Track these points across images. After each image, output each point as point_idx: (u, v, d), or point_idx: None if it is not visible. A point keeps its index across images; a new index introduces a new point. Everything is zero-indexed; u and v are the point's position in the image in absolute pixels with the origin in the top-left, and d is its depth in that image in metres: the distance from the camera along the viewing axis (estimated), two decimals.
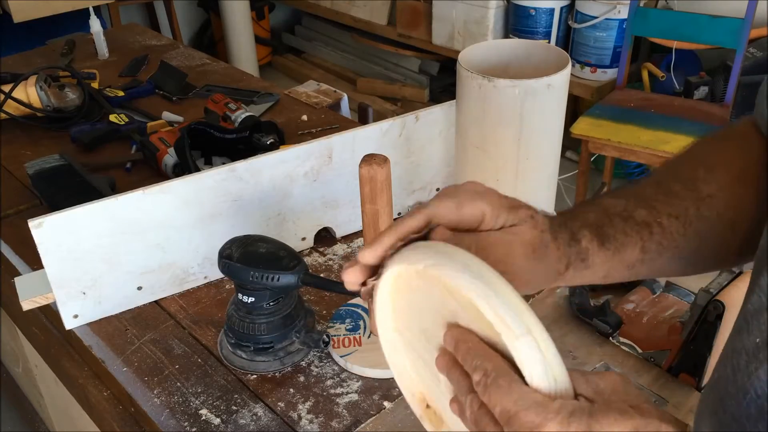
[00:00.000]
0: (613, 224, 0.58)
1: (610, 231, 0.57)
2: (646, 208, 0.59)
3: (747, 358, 0.52)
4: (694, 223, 0.59)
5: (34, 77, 1.48)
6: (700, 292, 0.82)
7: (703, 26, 2.30)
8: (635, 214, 0.58)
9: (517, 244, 0.53)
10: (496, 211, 0.53)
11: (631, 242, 0.57)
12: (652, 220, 0.58)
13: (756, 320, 0.52)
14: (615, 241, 0.57)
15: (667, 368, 0.88)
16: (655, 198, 0.60)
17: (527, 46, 1.07)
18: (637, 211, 0.58)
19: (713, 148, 0.65)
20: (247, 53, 3.80)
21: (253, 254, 0.87)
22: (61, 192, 1.20)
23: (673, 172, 0.63)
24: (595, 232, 0.57)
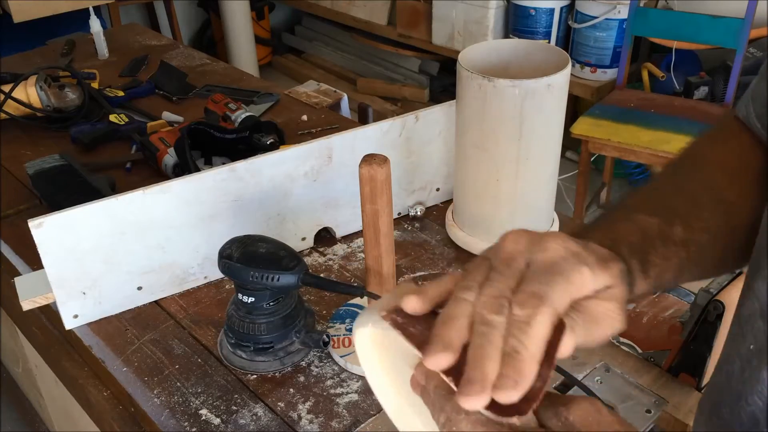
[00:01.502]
0: (655, 249, 0.53)
1: (653, 258, 0.53)
2: (682, 225, 0.55)
3: (741, 364, 0.52)
4: (720, 234, 0.58)
5: (34, 77, 1.48)
6: (700, 292, 0.82)
7: (703, 26, 2.30)
8: (673, 233, 0.55)
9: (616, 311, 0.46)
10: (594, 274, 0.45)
11: (671, 267, 0.54)
12: (689, 239, 0.55)
13: (749, 326, 0.52)
14: (657, 268, 0.53)
15: (667, 368, 0.88)
16: (688, 212, 0.57)
17: (527, 46, 1.07)
18: (674, 230, 0.55)
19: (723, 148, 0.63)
20: (247, 53, 3.81)
21: (253, 254, 0.87)
22: (61, 192, 1.20)
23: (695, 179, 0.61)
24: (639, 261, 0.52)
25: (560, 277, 0.43)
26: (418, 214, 1.20)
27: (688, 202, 0.58)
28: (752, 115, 0.62)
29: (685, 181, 0.61)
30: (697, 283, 0.98)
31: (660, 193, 0.60)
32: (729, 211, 0.59)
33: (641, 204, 0.58)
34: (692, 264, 0.56)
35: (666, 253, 0.53)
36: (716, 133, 0.67)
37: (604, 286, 0.46)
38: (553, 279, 0.43)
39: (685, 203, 0.58)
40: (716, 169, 0.61)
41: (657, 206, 0.57)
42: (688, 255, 0.55)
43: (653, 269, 0.52)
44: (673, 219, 0.55)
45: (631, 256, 0.51)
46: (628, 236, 0.53)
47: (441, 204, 1.24)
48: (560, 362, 0.45)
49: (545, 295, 0.42)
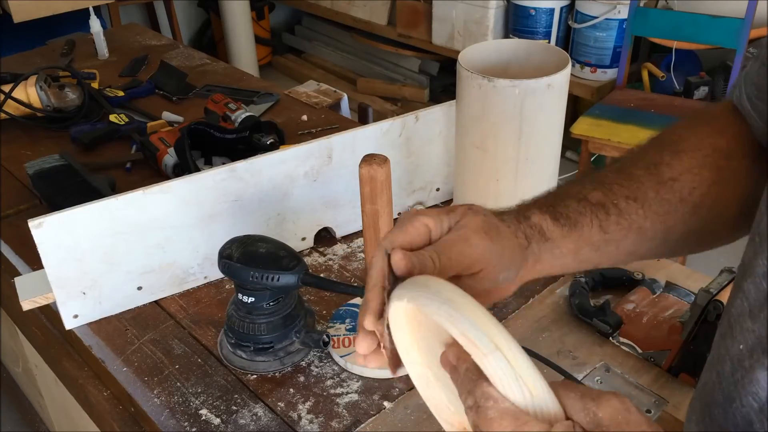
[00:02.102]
0: (566, 204, 0.59)
1: (562, 210, 0.59)
2: (602, 190, 0.60)
3: (732, 365, 0.52)
4: (653, 205, 0.60)
5: (34, 77, 1.48)
6: (700, 292, 0.82)
7: (703, 26, 2.30)
8: (590, 195, 0.60)
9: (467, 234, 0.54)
10: (437, 219, 0.55)
11: (586, 221, 0.59)
12: (608, 201, 0.60)
13: (739, 325, 0.52)
14: (568, 219, 0.58)
15: (667, 368, 0.88)
16: (614, 182, 0.61)
17: (527, 46, 1.07)
18: (592, 193, 0.60)
19: (684, 131, 0.65)
20: (247, 53, 3.81)
21: (253, 254, 0.87)
22: (61, 192, 1.20)
23: (638, 157, 0.64)
24: (545, 210, 0.59)
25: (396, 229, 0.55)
26: None
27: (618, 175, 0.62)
28: (743, 97, 0.63)
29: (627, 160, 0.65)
30: (697, 283, 0.98)
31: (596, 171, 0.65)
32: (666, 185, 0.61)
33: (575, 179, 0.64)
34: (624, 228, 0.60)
35: (578, 208, 0.59)
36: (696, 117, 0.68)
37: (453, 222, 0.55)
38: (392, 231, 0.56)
39: (615, 175, 0.62)
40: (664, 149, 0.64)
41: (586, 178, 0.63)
42: (608, 215, 0.59)
43: (564, 219, 0.59)
44: (595, 186, 0.61)
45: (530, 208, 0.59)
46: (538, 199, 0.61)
47: (441, 204, 1.24)
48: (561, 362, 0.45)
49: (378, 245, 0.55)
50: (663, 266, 1.05)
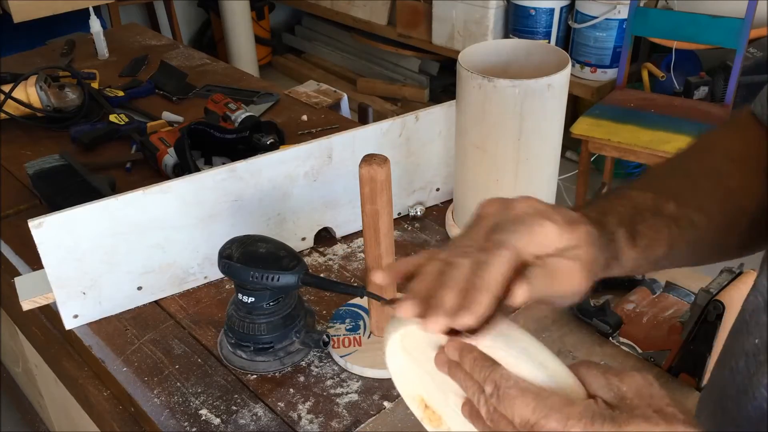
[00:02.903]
0: (644, 220, 0.56)
1: (641, 228, 0.55)
2: (675, 201, 0.57)
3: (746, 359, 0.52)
4: (717, 217, 0.58)
5: (34, 77, 1.48)
6: (700, 292, 0.82)
7: (703, 26, 2.30)
8: (664, 208, 0.57)
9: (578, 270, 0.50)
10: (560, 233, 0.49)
11: (661, 238, 0.56)
12: (681, 215, 0.57)
13: (754, 320, 0.52)
14: (645, 238, 0.55)
15: (667, 368, 0.88)
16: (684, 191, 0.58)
17: (527, 46, 1.07)
18: (666, 206, 0.57)
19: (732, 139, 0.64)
20: (247, 53, 3.80)
21: (253, 254, 0.87)
22: (61, 192, 1.20)
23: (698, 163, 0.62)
24: (628, 230, 0.54)
25: (522, 227, 0.48)
26: (418, 214, 1.20)
27: (685, 183, 0.60)
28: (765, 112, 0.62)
29: (686, 164, 0.62)
30: (697, 283, 0.98)
31: (659, 174, 0.62)
32: (728, 196, 0.59)
33: (638, 183, 0.61)
34: (685, 243, 0.57)
35: (656, 224, 0.55)
36: (729, 124, 0.67)
37: (570, 245, 0.49)
38: (515, 228, 0.48)
39: (682, 183, 0.60)
40: (720, 155, 0.62)
41: (653, 184, 0.60)
42: (680, 231, 0.56)
43: (641, 239, 0.54)
44: (667, 196, 0.57)
45: (618, 225, 0.54)
46: (617, 207, 0.56)
47: (441, 204, 1.24)
48: None
49: (505, 241, 0.47)
50: None
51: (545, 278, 0.48)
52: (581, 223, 0.50)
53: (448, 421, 0.55)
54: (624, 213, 0.55)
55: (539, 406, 0.43)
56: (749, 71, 2.39)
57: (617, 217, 0.54)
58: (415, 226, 1.19)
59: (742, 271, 0.84)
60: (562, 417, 0.42)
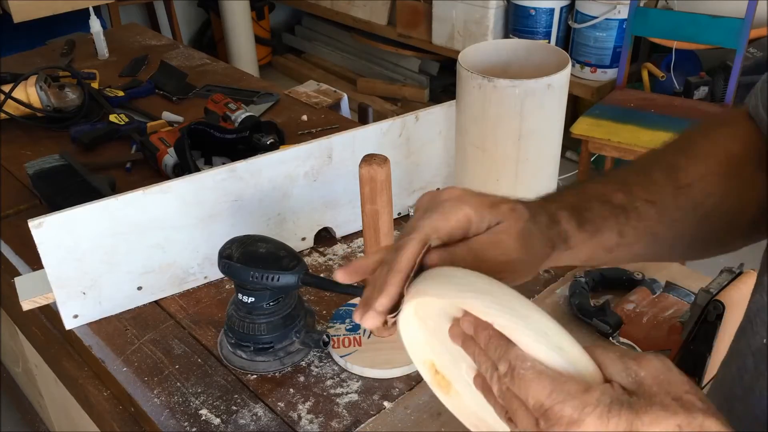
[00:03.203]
0: (591, 207, 0.59)
1: (588, 214, 0.58)
2: (624, 192, 0.60)
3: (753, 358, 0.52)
4: (670, 210, 0.60)
5: (34, 77, 1.48)
6: (700, 292, 0.82)
7: (703, 26, 2.30)
8: (613, 197, 0.59)
9: (505, 241, 0.54)
10: (479, 214, 0.54)
11: (608, 225, 0.58)
12: (629, 205, 0.59)
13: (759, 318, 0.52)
14: (592, 224, 0.58)
15: None
16: (635, 183, 0.61)
17: (527, 46, 1.07)
18: (615, 195, 0.59)
19: (701, 136, 0.65)
20: (247, 53, 3.80)
21: (253, 254, 0.87)
22: (61, 192, 1.20)
23: (658, 159, 0.64)
24: (572, 214, 0.58)
25: (436, 213, 0.54)
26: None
27: (639, 176, 0.62)
28: (759, 105, 0.62)
29: (646, 159, 0.65)
30: (697, 283, 0.98)
31: (617, 170, 0.65)
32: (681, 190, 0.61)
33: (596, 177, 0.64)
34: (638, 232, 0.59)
35: (602, 212, 0.58)
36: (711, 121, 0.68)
37: (491, 223, 0.54)
38: (428, 215, 0.54)
39: (635, 176, 0.62)
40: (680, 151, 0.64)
41: (608, 178, 0.63)
42: (628, 220, 0.59)
43: (588, 225, 0.58)
44: (618, 187, 0.60)
45: (560, 208, 0.58)
46: (565, 196, 0.60)
47: None
48: None
49: (416, 226, 0.54)
50: (663, 266, 1.05)
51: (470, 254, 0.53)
52: (504, 203, 0.55)
53: (457, 387, 0.56)
54: (569, 200, 0.59)
55: (555, 390, 0.42)
56: (749, 71, 2.39)
57: (560, 203, 0.58)
58: None
59: (742, 271, 0.84)
60: (578, 403, 0.41)
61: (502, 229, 0.54)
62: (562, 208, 0.58)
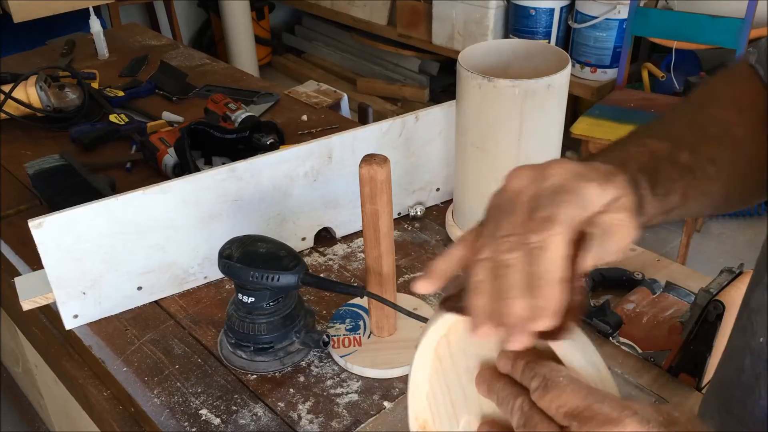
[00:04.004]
0: (662, 168, 0.54)
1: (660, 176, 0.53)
2: (689, 151, 0.56)
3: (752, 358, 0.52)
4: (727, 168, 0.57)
5: (34, 77, 1.48)
6: (700, 292, 0.82)
7: (703, 26, 2.30)
8: (680, 157, 0.55)
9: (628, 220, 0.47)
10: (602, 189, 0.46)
11: (676, 188, 0.54)
12: (695, 165, 0.55)
13: (760, 317, 0.52)
14: (663, 187, 0.53)
15: (667, 368, 0.88)
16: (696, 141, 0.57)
17: (527, 46, 1.07)
18: (681, 154, 0.55)
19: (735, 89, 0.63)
20: (247, 53, 3.81)
21: (253, 254, 0.87)
22: (61, 192, 1.20)
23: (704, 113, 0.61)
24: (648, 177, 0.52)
25: (567, 196, 0.44)
26: (418, 214, 1.20)
27: (696, 132, 0.58)
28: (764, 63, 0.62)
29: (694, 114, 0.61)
30: (697, 283, 0.98)
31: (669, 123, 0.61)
32: (736, 145, 0.58)
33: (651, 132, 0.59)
34: (698, 192, 0.56)
35: (672, 174, 0.54)
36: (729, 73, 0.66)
37: (613, 198, 0.46)
38: (560, 199, 0.44)
39: (693, 133, 0.58)
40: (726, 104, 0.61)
41: (665, 134, 0.58)
42: (695, 180, 0.55)
43: (660, 188, 0.52)
44: (681, 145, 0.56)
45: (639, 172, 0.51)
46: (637, 155, 0.53)
47: (441, 204, 1.24)
48: None
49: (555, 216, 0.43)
50: (663, 266, 1.05)
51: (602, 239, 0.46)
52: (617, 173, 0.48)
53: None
54: (643, 161, 0.53)
55: (592, 394, 0.41)
56: None
57: (637, 165, 0.52)
58: (415, 226, 1.19)
59: (742, 271, 0.84)
60: (617, 405, 0.40)
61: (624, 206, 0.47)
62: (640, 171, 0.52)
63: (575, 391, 0.41)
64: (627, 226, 0.47)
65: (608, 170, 0.48)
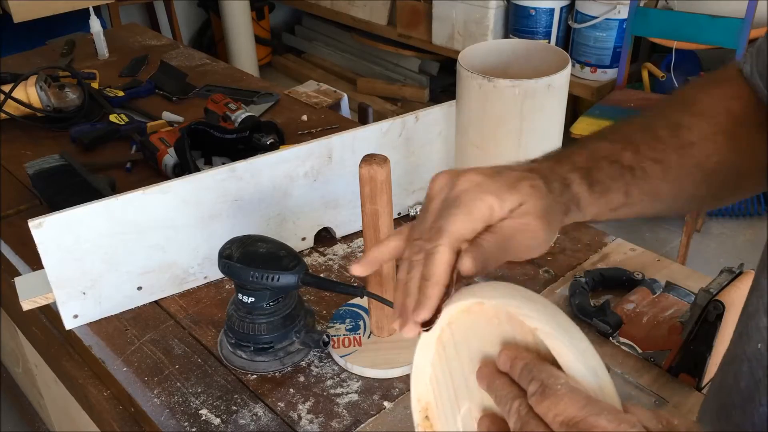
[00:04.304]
0: (601, 167, 0.57)
1: (598, 175, 0.57)
2: (632, 151, 0.59)
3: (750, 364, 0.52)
4: (674, 169, 0.60)
5: (34, 77, 1.48)
6: (700, 292, 0.82)
7: (703, 26, 2.30)
8: (621, 157, 0.58)
9: (532, 223, 0.51)
10: (500, 200, 0.51)
11: (616, 186, 0.57)
12: (636, 164, 0.58)
13: (754, 323, 0.52)
14: (601, 185, 0.56)
15: (667, 368, 0.88)
16: (641, 141, 0.60)
17: (527, 46, 1.07)
18: (623, 154, 0.58)
19: (703, 94, 0.64)
20: (247, 53, 3.81)
21: (253, 254, 0.87)
22: (61, 192, 1.20)
23: (661, 116, 0.63)
24: (583, 176, 0.56)
25: (458, 209, 0.50)
26: (418, 214, 1.20)
27: (645, 134, 0.61)
28: (755, 72, 0.62)
29: (649, 117, 0.64)
30: (697, 283, 0.98)
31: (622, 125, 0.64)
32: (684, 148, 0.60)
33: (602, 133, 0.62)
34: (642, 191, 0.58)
35: (611, 172, 0.57)
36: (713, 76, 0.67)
37: (516, 204, 0.51)
38: (452, 212, 0.50)
39: (642, 134, 0.61)
40: (684, 108, 0.63)
41: (614, 135, 0.61)
42: (635, 180, 0.58)
43: (597, 185, 0.56)
44: (625, 146, 0.59)
45: (571, 171, 0.56)
46: (573, 156, 0.57)
47: None
48: None
49: (443, 228, 0.50)
50: (663, 266, 1.05)
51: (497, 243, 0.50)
52: (523, 180, 0.52)
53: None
54: (579, 160, 0.57)
55: (590, 404, 0.41)
56: None
57: (571, 164, 0.56)
58: None
59: (742, 271, 0.84)
60: (614, 418, 0.40)
61: (527, 211, 0.51)
62: (573, 170, 0.56)
63: (573, 400, 0.41)
64: (530, 229, 0.51)
65: (516, 177, 0.52)
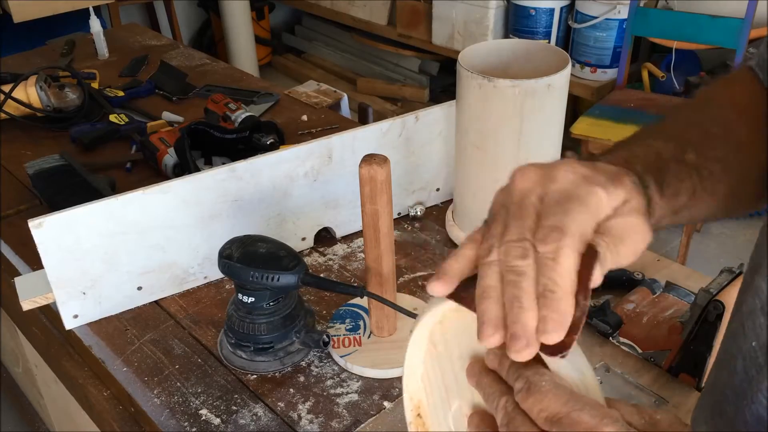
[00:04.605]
0: (669, 168, 0.52)
1: (668, 178, 0.52)
2: (695, 152, 0.54)
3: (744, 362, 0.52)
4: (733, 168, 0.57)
5: (34, 77, 1.48)
6: (700, 292, 0.82)
7: (703, 26, 2.30)
8: (685, 158, 0.54)
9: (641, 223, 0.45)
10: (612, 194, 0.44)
11: (684, 187, 0.53)
12: (701, 164, 0.54)
13: (750, 322, 0.52)
14: (670, 187, 0.52)
15: (667, 368, 0.88)
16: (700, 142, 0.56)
17: (527, 46, 1.07)
18: (686, 155, 0.54)
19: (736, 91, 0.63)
20: (247, 53, 3.81)
21: (253, 254, 0.87)
22: (61, 192, 1.20)
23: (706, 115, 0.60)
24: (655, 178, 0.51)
25: (575, 204, 0.42)
26: (418, 214, 1.20)
27: (700, 133, 0.57)
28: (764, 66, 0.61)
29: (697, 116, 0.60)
30: (697, 283, 0.98)
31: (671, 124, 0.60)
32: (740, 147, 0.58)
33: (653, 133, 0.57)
34: (706, 193, 0.55)
35: (679, 173, 0.52)
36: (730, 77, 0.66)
37: (622, 201, 0.45)
38: (569, 207, 0.42)
39: (697, 134, 0.57)
40: (728, 107, 0.60)
41: (669, 134, 0.57)
42: (701, 181, 0.54)
43: (668, 188, 0.51)
44: (686, 146, 0.54)
45: (645, 172, 0.50)
46: (643, 156, 0.52)
47: (441, 204, 1.24)
48: None
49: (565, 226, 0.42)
50: (663, 266, 1.05)
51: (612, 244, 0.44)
52: (623, 175, 0.47)
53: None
54: (649, 160, 0.52)
55: (572, 400, 0.41)
56: None
57: (643, 165, 0.51)
58: (415, 226, 1.19)
59: (742, 271, 0.84)
60: (597, 413, 0.40)
61: (634, 208, 0.45)
62: (647, 171, 0.50)
63: (557, 396, 0.41)
64: (640, 230, 0.45)
65: (615, 172, 0.46)
